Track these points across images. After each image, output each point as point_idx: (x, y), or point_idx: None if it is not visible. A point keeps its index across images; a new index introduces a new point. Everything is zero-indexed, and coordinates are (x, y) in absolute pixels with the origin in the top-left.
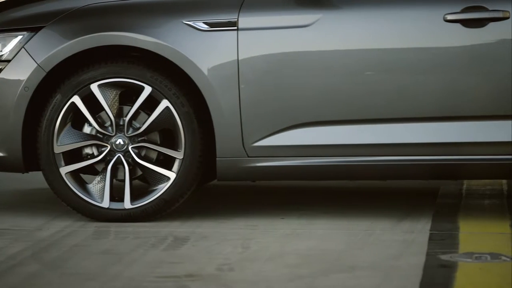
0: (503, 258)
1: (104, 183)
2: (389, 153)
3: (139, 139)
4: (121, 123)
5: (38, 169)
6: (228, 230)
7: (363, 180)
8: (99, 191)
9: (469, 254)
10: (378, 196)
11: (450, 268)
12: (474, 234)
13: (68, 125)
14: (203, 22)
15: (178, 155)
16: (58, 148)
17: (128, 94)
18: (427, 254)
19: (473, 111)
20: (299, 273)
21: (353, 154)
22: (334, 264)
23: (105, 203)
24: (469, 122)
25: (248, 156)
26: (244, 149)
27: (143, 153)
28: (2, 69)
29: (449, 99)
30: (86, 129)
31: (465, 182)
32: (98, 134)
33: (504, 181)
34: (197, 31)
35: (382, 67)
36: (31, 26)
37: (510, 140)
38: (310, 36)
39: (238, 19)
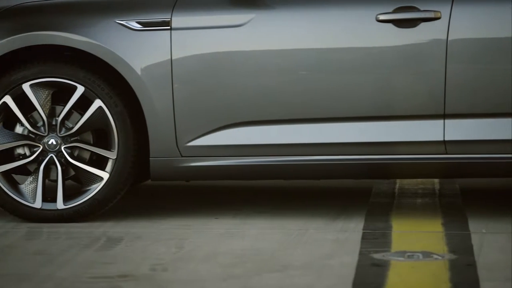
0: (435, 256)
1: (37, 184)
2: (323, 152)
3: (72, 139)
4: (54, 123)
5: None
6: (162, 230)
7: (297, 179)
8: (31, 192)
9: (402, 253)
10: (312, 196)
11: (382, 266)
12: (407, 233)
13: (0, 125)
14: (136, 22)
15: (111, 155)
16: None
17: (61, 94)
18: (360, 253)
19: (406, 110)
20: (233, 272)
21: (287, 153)
22: (267, 263)
23: (38, 203)
24: (401, 121)
25: (182, 156)
26: (178, 149)
27: (76, 153)
28: None
29: (382, 98)
30: (18, 129)
31: (398, 181)
32: (30, 134)
33: (436, 180)
34: (130, 30)
35: (315, 67)
36: None
37: (442, 139)
38: (244, 36)
39: (171, 18)
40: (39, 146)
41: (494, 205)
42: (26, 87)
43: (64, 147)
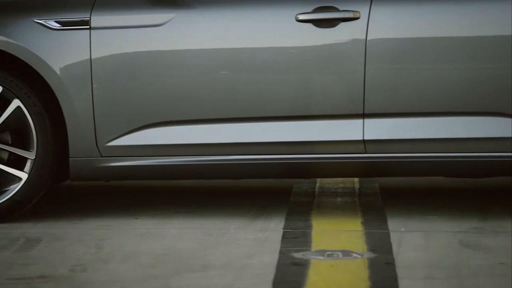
0: (354, 255)
1: None
2: (243, 152)
3: None
4: None
5: None
6: (82, 231)
7: (217, 179)
8: None
9: (321, 252)
10: (232, 195)
11: (302, 265)
12: (327, 232)
13: None
14: (55, 21)
15: (30, 155)
16: None
17: None
18: (280, 252)
19: (325, 110)
20: (153, 273)
21: (207, 153)
22: (187, 263)
23: None
24: (321, 121)
25: (102, 156)
26: (98, 149)
27: None
28: None
29: (302, 98)
30: None
31: (318, 180)
32: None
33: (356, 179)
34: (49, 30)
35: (235, 66)
36: None
37: (361, 138)
38: (163, 35)
39: (90, 18)
40: None
41: (413, 204)
42: None
43: None
